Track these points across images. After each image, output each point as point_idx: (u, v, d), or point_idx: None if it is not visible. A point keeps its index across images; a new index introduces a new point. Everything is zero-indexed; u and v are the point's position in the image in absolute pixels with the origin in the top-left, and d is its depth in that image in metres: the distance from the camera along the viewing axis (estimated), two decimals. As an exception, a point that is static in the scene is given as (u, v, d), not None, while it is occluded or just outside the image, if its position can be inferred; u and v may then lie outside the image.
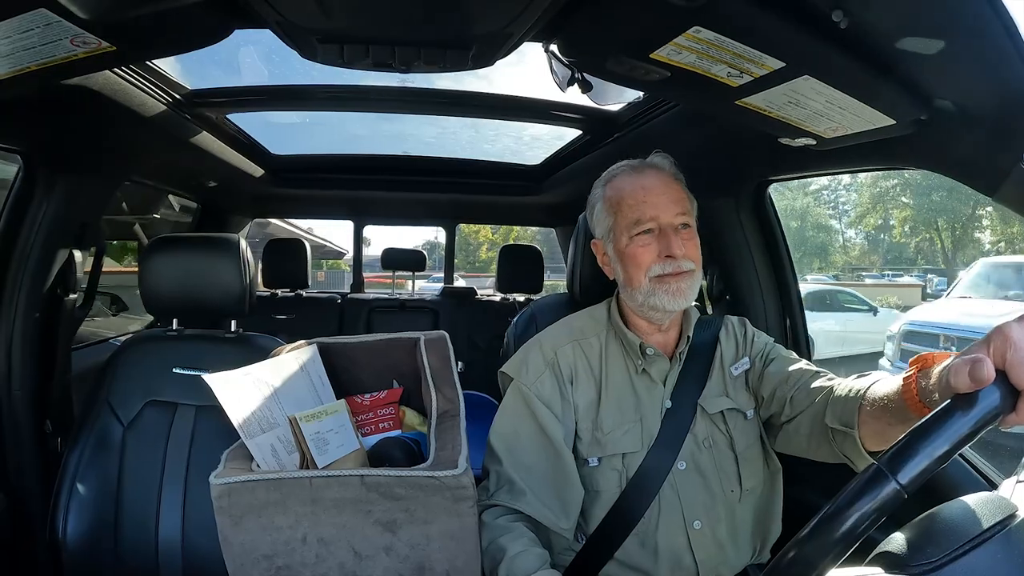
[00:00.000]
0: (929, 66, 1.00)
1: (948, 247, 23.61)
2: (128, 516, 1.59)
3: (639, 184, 1.36)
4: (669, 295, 1.32)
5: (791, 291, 1.93)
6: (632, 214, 1.34)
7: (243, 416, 1.21)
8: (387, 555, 1.09)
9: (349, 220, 4.24)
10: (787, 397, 1.29)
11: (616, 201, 1.37)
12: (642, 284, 1.33)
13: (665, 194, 1.34)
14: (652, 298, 1.33)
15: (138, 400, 1.65)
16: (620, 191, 1.38)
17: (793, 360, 1.38)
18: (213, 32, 1.21)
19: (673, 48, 1.06)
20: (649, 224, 1.33)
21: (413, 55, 1.26)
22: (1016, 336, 0.64)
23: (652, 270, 1.32)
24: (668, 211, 1.33)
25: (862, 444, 1.07)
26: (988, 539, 0.62)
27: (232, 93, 1.99)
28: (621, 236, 1.36)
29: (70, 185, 1.75)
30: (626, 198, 1.36)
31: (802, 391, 1.27)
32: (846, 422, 1.10)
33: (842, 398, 1.13)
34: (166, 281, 1.70)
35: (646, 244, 1.33)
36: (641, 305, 1.36)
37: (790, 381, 1.31)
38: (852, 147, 1.29)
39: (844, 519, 0.61)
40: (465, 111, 2.22)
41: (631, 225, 1.34)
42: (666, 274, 1.32)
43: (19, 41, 1.02)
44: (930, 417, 0.63)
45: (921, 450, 0.61)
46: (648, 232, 1.33)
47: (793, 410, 1.28)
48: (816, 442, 1.21)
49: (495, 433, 1.36)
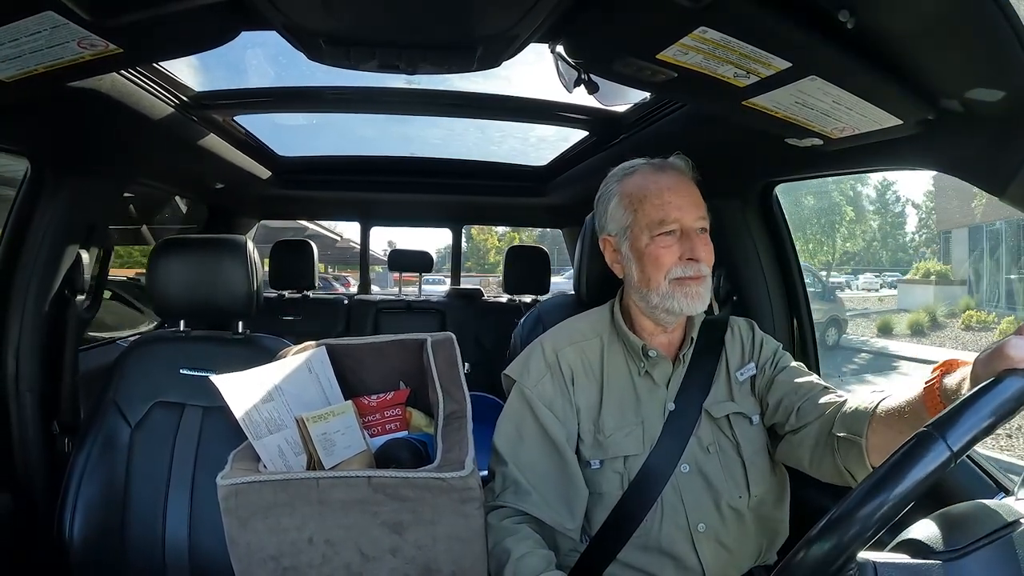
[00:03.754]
0: (936, 66, 0.99)
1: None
2: (135, 517, 1.59)
3: (663, 183, 1.34)
4: (688, 299, 1.30)
5: (798, 292, 1.91)
6: (656, 213, 1.31)
7: (250, 417, 1.21)
8: (393, 556, 1.09)
9: (356, 221, 4.25)
10: (795, 407, 1.29)
11: (638, 198, 1.35)
12: (660, 285, 1.31)
13: (688, 196, 1.33)
14: (669, 300, 1.31)
15: (145, 401, 1.66)
16: (642, 188, 1.35)
17: (803, 372, 1.38)
18: (220, 34, 1.22)
19: (680, 49, 1.06)
20: (673, 225, 1.31)
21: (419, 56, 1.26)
22: None
23: (672, 272, 1.30)
24: (691, 213, 1.31)
25: (867, 455, 1.06)
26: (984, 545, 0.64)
27: (239, 95, 1.99)
28: (641, 235, 1.34)
29: (77, 187, 1.76)
30: (650, 196, 1.33)
31: (810, 403, 1.26)
32: (855, 431, 1.09)
33: (852, 410, 1.13)
34: (174, 282, 1.70)
35: (668, 245, 1.31)
36: (655, 307, 1.34)
37: (799, 392, 1.30)
38: (859, 147, 1.29)
39: (896, 483, 0.61)
40: (471, 112, 2.22)
41: (654, 224, 1.32)
42: (686, 277, 1.31)
43: (27, 43, 1.03)
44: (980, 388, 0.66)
45: (970, 417, 0.63)
46: (670, 233, 1.31)
47: (799, 420, 1.27)
48: (819, 454, 1.21)
49: (499, 435, 1.36)
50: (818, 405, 1.24)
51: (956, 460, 0.61)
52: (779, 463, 1.40)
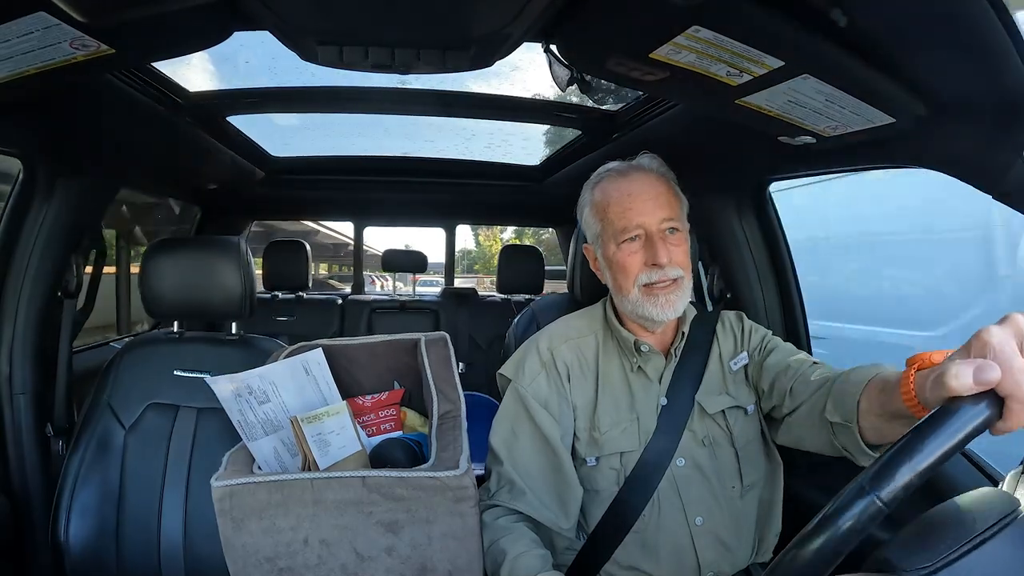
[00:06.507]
0: (928, 63, 0.99)
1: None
2: (130, 519, 1.59)
3: (625, 190, 1.35)
4: (658, 307, 1.31)
5: (792, 290, 1.92)
6: (619, 221, 1.33)
7: (246, 419, 1.21)
8: (389, 556, 1.09)
9: (349, 221, 4.25)
10: (787, 388, 1.29)
11: (603, 207, 1.36)
12: (631, 293, 1.33)
13: (652, 199, 1.33)
14: (641, 308, 1.32)
15: (139, 403, 1.66)
16: (606, 196, 1.37)
17: (792, 351, 1.38)
18: (212, 35, 1.21)
19: (672, 48, 1.06)
20: (635, 231, 1.32)
21: (412, 56, 1.26)
22: (996, 341, 0.62)
23: (640, 279, 1.32)
24: (654, 217, 1.31)
25: (861, 438, 1.06)
26: (989, 538, 0.62)
27: (232, 95, 1.99)
28: (609, 243, 1.35)
29: (70, 188, 1.75)
30: (612, 204, 1.34)
31: (801, 382, 1.26)
32: (846, 417, 1.09)
33: (841, 391, 1.12)
34: (167, 283, 1.70)
35: (633, 252, 1.32)
36: (631, 314, 1.36)
37: (789, 372, 1.31)
38: (852, 145, 1.29)
39: (826, 539, 0.60)
40: (464, 112, 2.22)
41: (617, 232, 1.33)
42: (653, 283, 1.31)
43: (18, 44, 1.02)
44: (914, 431, 0.61)
45: (905, 465, 0.59)
46: (634, 239, 1.32)
47: (793, 401, 1.27)
48: (816, 434, 1.20)
49: (495, 434, 1.37)
50: (809, 383, 1.24)
51: (891, 508, 0.59)
52: (772, 452, 1.40)
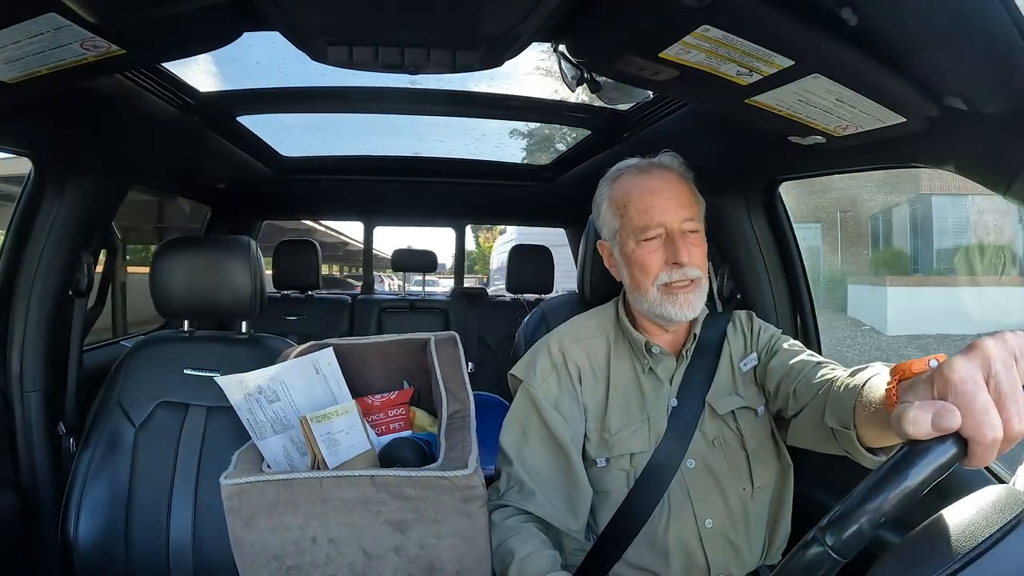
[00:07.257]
0: (939, 63, 0.99)
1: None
2: (139, 517, 1.60)
3: (646, 187, 1.34)
4: (677, 307, 1.31)
5: (802, 290, 1.91)
6: (640, 219, 1.32)
7: (255, 418, 1.22)
8: (397, 555, 1.09)
9: (359, 221, 4.26)
10: (791, 391, 1.27)
11: (623, 203, 1.35)
12: (649, 291, 1.32)
13: (673, 198, 1.32)
14: (659, 307, 1.32)
15: (149, 401, 1.67)
16: (627, 193, 1.36)
17: (796, 352, 1.36)
18: (222, 35, 1.22)
19: (682, 47, 1.05)
20: (656, 230, 1.31)
21: (422, 56, 1.25)
22: (957, 379, 0.59)
23: (660, 278, 1.31)
24: (676, 216, 1.31)
25: (860, 443, 1.04)
26: (1000, 540, 0.59)
27: (241, 96, 1.99)
28: (628, 240, 1.34)
29: (81, 187, 1.76)
30: (633, 201, 1.34)
31: (804, 384, 1.25)
32: (843, 423, 1.07)
33: (839, 396, 1.10)
34: (178, 283, 1.71)
35: (654, 250, 1.31)
36: (648, 312, 1.35)
37: (792, 375, 1.29)
38: (863, 145, 1.28)
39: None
40: (475, 111, 2.22)
41: (638, 230, 1.32)
42: (673, 283, 1.30)
43: (30, 45, 1.03)
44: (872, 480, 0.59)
45: (865, 518, 0.58)
46: (655, 238, 1.31)
47: (797, 404, 1.26)
48: (820, 438, 1.18)
49: (506, 435, 1.37)
50: (811, 386, 1.22)
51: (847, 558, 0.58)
52: (783, 454, 1.39)
